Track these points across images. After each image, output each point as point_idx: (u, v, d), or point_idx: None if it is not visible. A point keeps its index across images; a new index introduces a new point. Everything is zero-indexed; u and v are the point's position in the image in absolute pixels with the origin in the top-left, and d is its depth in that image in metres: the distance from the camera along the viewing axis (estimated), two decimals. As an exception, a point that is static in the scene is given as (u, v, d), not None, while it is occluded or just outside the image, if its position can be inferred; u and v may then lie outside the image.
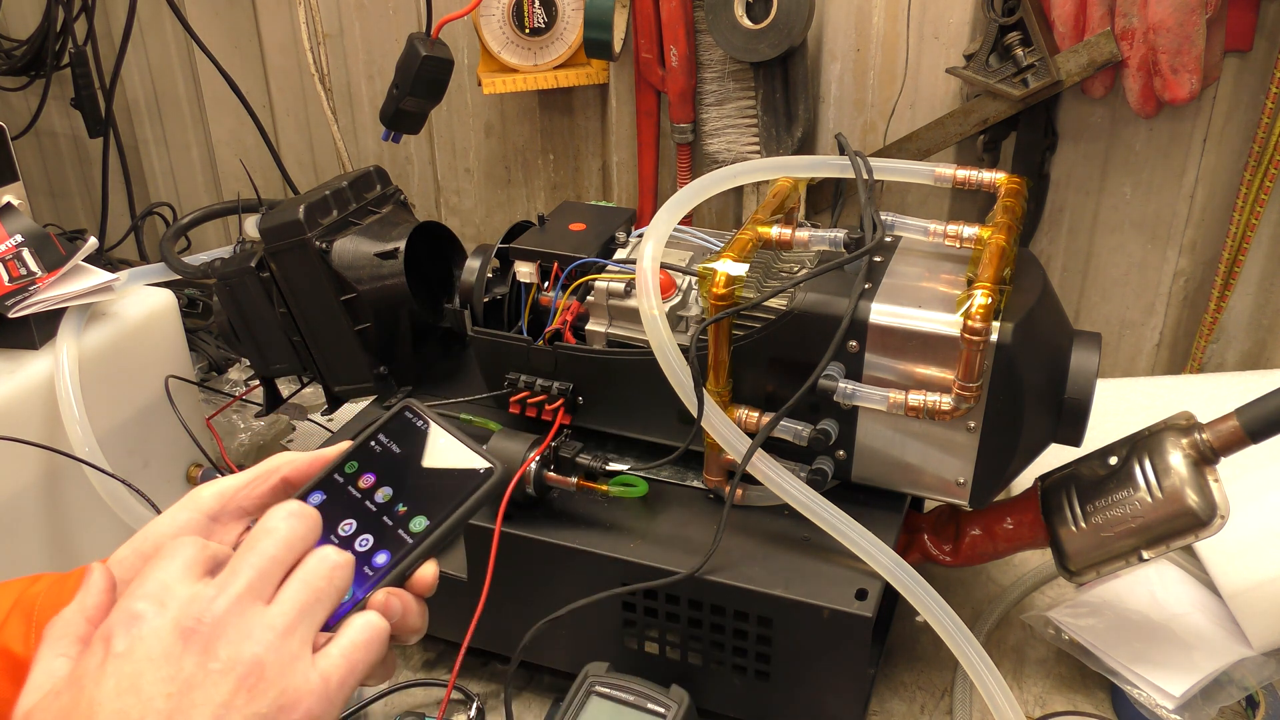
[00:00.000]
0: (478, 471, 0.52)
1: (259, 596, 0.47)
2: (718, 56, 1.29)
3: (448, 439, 0.54)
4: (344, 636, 0.48)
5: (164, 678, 0.44)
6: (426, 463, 0.53)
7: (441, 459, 0.53)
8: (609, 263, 0.95)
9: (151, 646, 0.44)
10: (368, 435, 0.55)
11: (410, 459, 0.53)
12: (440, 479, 0.53)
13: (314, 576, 0.48)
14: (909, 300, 0.82)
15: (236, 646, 0.45)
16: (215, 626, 0.45)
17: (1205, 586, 0.97)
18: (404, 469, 0.53)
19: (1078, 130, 1.22)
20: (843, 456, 0.87)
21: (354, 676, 0.48)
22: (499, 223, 1.60)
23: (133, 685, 0.43)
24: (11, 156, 1.23)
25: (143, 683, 0.43)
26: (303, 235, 1.02)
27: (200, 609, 0.46)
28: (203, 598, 0.46)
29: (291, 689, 0.46)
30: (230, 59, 1.61)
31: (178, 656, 0.44)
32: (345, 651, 0.48)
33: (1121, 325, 1.30)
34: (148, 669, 0.44)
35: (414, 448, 0.54)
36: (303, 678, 0.46)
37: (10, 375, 1.05)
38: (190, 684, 0.44)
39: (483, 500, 0.52)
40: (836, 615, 0.79)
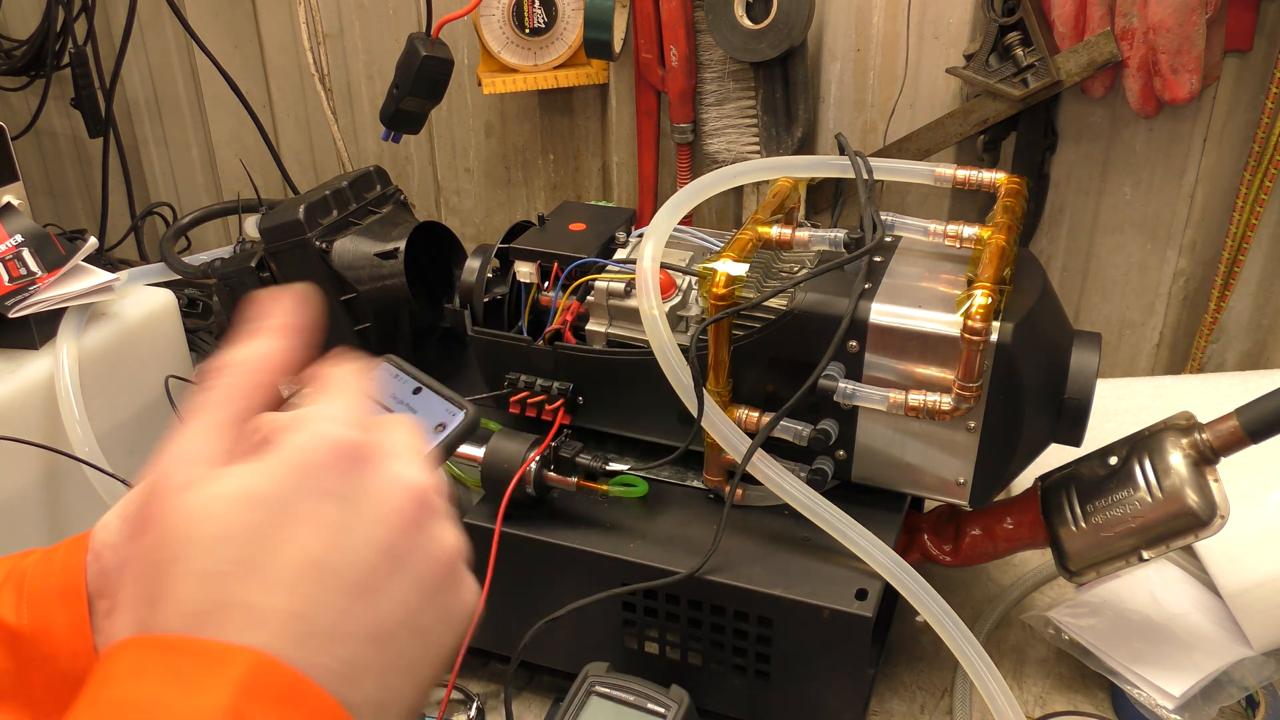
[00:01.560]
0: (450, 415, 0.53)
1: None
2: (718, 56, 1.29)
3: (424, 390, 0.55)
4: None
5: (382, 543, 0.38)
6: (400, 411, 0.54)
7: (418, 408, 0.54)
8: (609, 263, 0.95)
9: (381, 504, 0.39)
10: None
11: (392, 410, 0.54)
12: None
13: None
14: (909, 300, 0.82)
15: (447, 529, 0.41)
16: (436, 501, 0.41)
17: (1205, 586, 0.97)
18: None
19: (1078, 130, 1.22)
20: (843, 456, 0.87)
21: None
22: (499, 223, 1.60)
23: (337, 537, 0.38)
24: (11, 156, 1.23)
25: (353, 541, 0.38)
26: (303, 235, 1.02)
27: (421, 483, 0.41)
28: (420, 477, 0.41)
29: (467, 601, 0.42)
30: (230, 59, 1.61)
31: (400, 522, 0.39)
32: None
33: (1121, 325, 1.30)
34: (368, 528, 0.38)
35: (394, 400, 0.54)
36: (474, 590, 0.43)
37: (10, 375, 1.05)
38: (404, 560, 0.39)
39: (451, 443, 0.53)
40: (836, 615, 0.79)
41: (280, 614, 0.36)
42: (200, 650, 0.35)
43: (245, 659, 0.34)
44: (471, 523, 0.89)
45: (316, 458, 0.39)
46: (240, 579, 0.36)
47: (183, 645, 0.35)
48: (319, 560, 0.37)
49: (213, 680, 0.34)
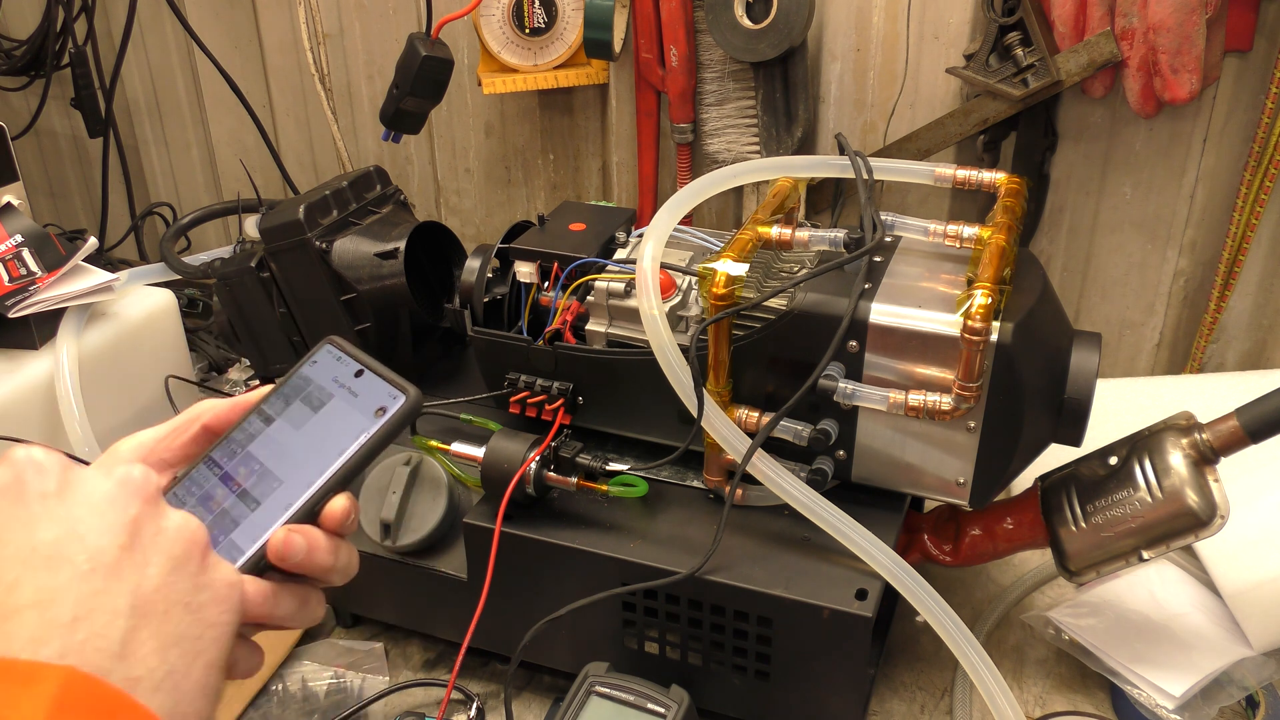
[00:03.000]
0: (392, 399, 0.52)
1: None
2: (718, 56, 1.29)
3: (367, 372, 0.53)
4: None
5: (110, 525, 0.41)
6: (341, 395, 0.53)
7: (359, 391, 0.53)
8: (609, 263, 0.95)
9: (89, 492, 0.42)
10: (289, 375, 0.54)
11: (328, 398, 0.53)
12: (353, 414, 0.52)
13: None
14: (909, 300, 0.82)
15: (178, 512, 0.44)
16: (158, 488, 0.44)
17: (1205, 586, 0.97)
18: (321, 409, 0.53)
19: (1078, 130, 1.22)
20: (843, 456, 0.87)
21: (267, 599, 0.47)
22: (499, 223, 1.60)
23: (72, 530, 0.40)
24: (11, 156, 1.23)
25: (84, 528, 0.41)
26: (303, 235, 1.02)
27: (136, 473, 0.44)
28: (133, 468, 0.44)
29: (223, 576, 0.44)
30: (230, 59, 1.61)
31: (124, 504, 0.42)
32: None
33: (1121, 325, 1.30)
34: (88, 514, 0.41)
35: (335, 384, 0.53)
36: (231, 570, 0.45)
37: (10, 375, 1.05)
38: (142, 536, 0.41)
39: (391, 429, 0.51)
40: (836, 615, 0.79)
41: (37, 605, 0.38)
42: (9, 670, 0.36)
43: (57, 675, 0.36)
44: (471, 523, 0.89)
45: (20, 475, 0.42)
46: None
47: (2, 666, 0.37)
48: (56, 553, 0.40)
49: (27, 699, 0.35)
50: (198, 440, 0.54)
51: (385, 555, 0.94)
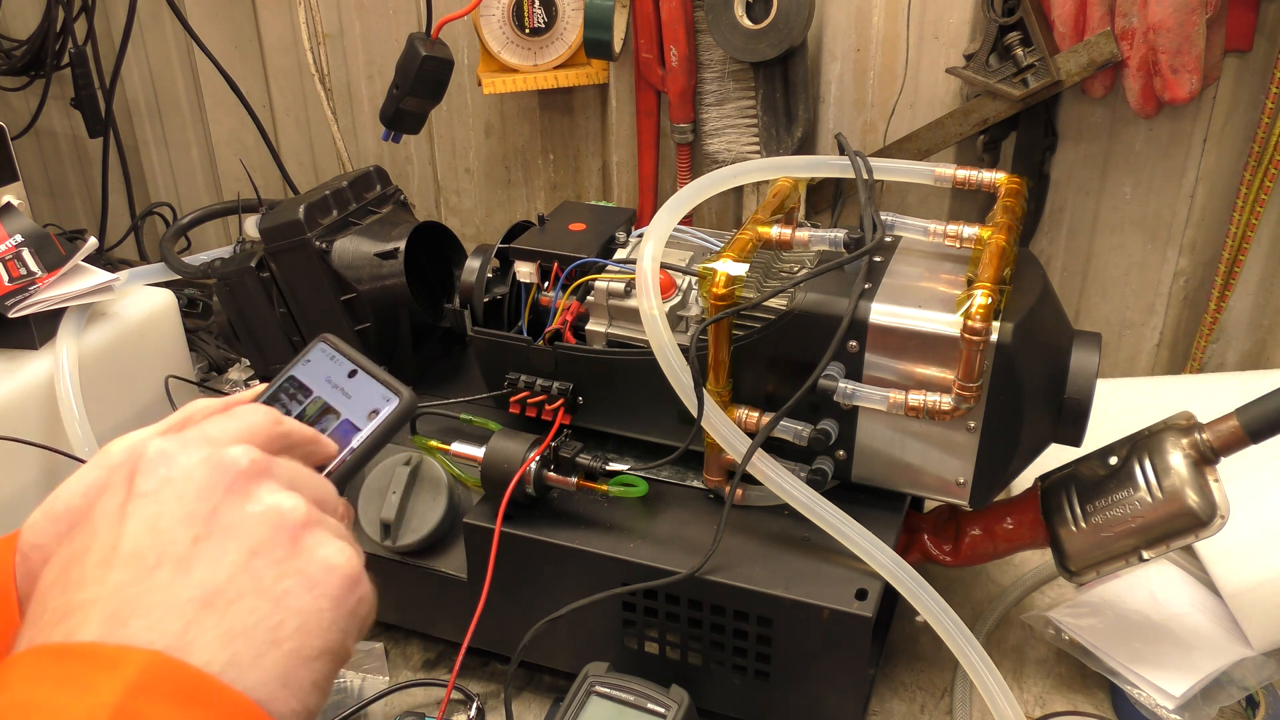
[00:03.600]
0: (385, 401, 0.51)
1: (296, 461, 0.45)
2: (718, 56, 1.29)
3: (360, 373, 0.52)
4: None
5: (188, 516, 0.41)
6: (336, 399, 0.52)
7: (353, 393, 0.52)
8: (609, 263, 0.95)
9: (180, 485, 0.41)
10: (283, 374, 0.54)
11: (323, 394, 0.52)
12: (349, 412, 0.51)
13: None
14: (909, 300, 0.82)
15: (275, 494, 0.42)
16: (254, 470, 0.42)
17: (1205, 586, 0.97)
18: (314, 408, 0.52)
19: (1078, 130, 1.22)
20: (843, 456, 0.87)
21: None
22: (499, 223, 1.60)
23: (152, 526, 0.40)
24: (11, 156, 1.23)
25: (163, 523, 0.40)
26: (303, 235, 1.02)
27: (234, 455, 0.42)
28: (236, 445, 0.43)
29: (321, 559, 0.42)
30: (230, 59, 1.61)
31: (208, 494, 0.41)
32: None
33: (1121, 325, 1.30)
34: (172, 507, 0.41)
35: (328, 383, 0.53)
36: (339, 551, 0.43)
37: (10, 375, 1.05)
38: (219, 525, 0.41)
39: (388, 429, 0.51)
40: (836, 615, 0.79)
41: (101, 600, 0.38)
42: (95, 654, 0.37)
43: (139, 659, 0.36)
44: (471, 523, 0.89)
45: (112, 475, 0.43)
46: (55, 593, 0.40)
47: (80, 651, 0.37)
48: (126, 548, 0.40)
49: (103, 682, 0.35)
50: None
51: (385, 555, 0.94)
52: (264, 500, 0.42)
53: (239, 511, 0.41)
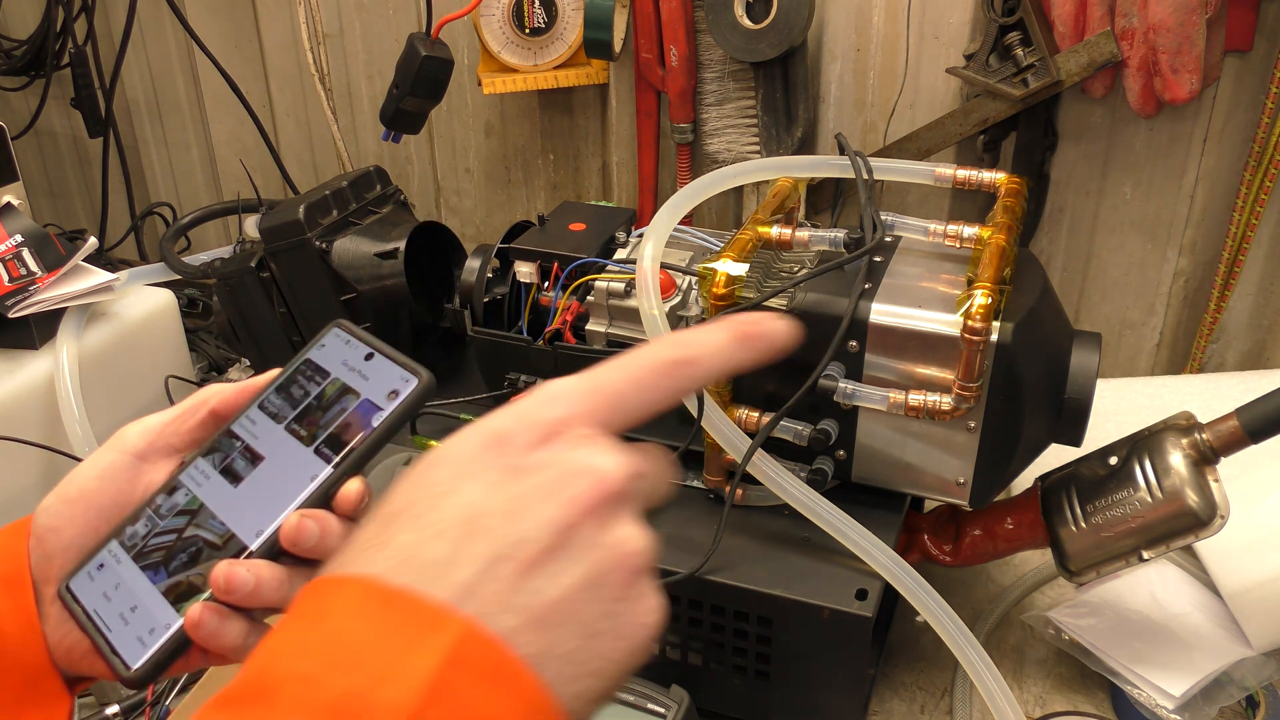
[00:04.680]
0: (404, 382, 0.50)
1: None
2: (718, 56, 1.29)
3: (377, 356, 0.52)
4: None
5: (551, 520, 0.38)
6: (354, 381, 0.51)
7: (371, 374, 0.51)
8: (609, 263, 0.95)
9: (557, 483, 0.38)
10: (297, 359, 0.53)
11: (341, 376, 0.52)
12: (369, 392, 0.51)
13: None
14: (909, 300, 0.82)
15: (629, 528, 0.39)
16: (622, 493, 0.39)
17: (1205, 586, 0.97)
18: (333, 389, 0.52)
19: (1078, 130, 1.22)
20: (843, 456, 0.87)
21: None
22: (499, 223, 1.60)
23: (516, 509, 0.38)
24: (11, 156, 1.23)
25: (527, 514, 0.38)
26: (303, 235, 1.02)
27: (612, 465, 0.39)
28: (610, 463, 0.40)
29: (641, 613, 0.39)
30: (230, 59, 1.61)
31: (575, 505, 0.38)
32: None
33: (1121, 325, 1.30)
34: (541, 503, 0.38)
35: (344, 366, 0.52)
36: (652, 610, 0.40)
37: (10, 375, 1.05)
38: (573, 542, 0.38)
39: (408, 409, 0.50)
40: (836, 615, 0.79)
41: (443, 565, 0.36)
42: (417, 609, 0.35)
43: (456, 628, 0.35)
44: (471, 523, 0.89)
45: (502, 428, 0.40)
46: (403, 526, 0.38)
47: (403, 599, 0.36)
48: (484, 523, 0.37)
49: (424, 643, 0.34)
50: (205, 425, 0.53)
51: (385, 555, 0.94)
52: (617, 532, 0.39)
53: (593, 536, 0.39)
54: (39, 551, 0.50)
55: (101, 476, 0.52)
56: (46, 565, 0.50)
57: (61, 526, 0.50)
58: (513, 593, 0.37)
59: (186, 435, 0.53)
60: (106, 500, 0.51)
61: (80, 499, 0.51)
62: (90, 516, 0.51)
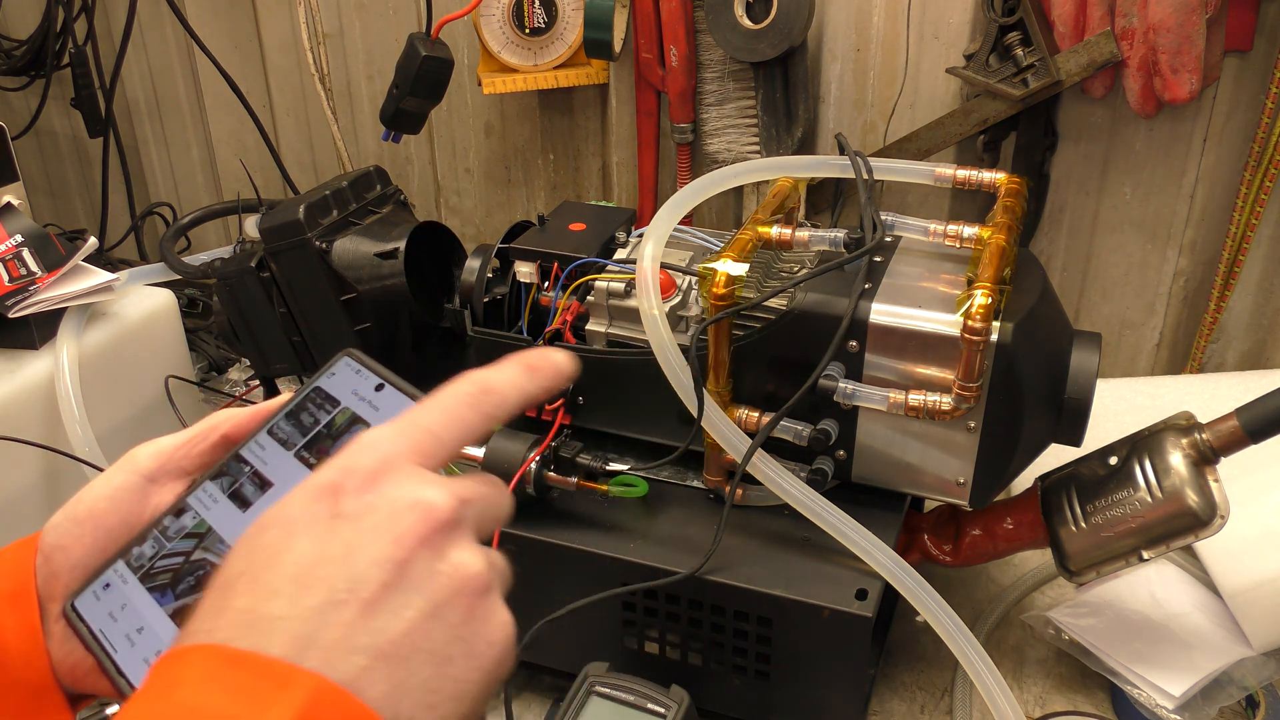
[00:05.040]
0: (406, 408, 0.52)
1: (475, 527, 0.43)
2: (718, 56, 1.29)
3: (387, 387, 0.52)
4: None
5: (382, 558, 0.39)
6: (364, 411, 0.52)
7: (380, 405, 0.52)
8: (609, 263, 0.95)
9: (382, 521, 0.40)
10: (307, 387, 0.54)
11: (351, 405, 0.52)
12: (379, 422, 0.51)
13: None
14: (909, 300, 0.82)
15: (463, 553, 0.41)
16: (451, 522, 0.41)
17: (1205, 586, 0.97)
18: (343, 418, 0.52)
19: (1078, 130, 1.22)
20: (843, 456, 0.87)
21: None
22: (499, 223, 1.60)
23: (347, 554, 0.39)
24: (11, 156, 1.23)
25: (358, 557, 0.39)
26: (303, 235, 1.02)
27: (434, 500, 0.41)
28: (435, 495, 0.41)
29: (490, 632, 0.42)
30: (230, 59, 1.61)
31: (405, 540, 0.39)
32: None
33: (1121, 325, 1.30)
34: (370, 544, 0.39)
35: (354, 395, 0.53)
36: (502, 626, 0.42)
37: (10, 375, 1.05)
38: (409, 576, 0.39)
39: None
40: (836, 615, 0.79)
41: (282, 620, 0.37)
42: (268, 670, 0.36)
43: (305, 683, 0.36)
44: (471, 523, 0.89)
45: (327, 480, 0.41)
46: (240, 590, 0.38)
47: (249, 661, 0.36)
48: (318, 574, 0.38)
49: (276, 702, 0.35)
50: (217, 449, 0.53)
51: (385, 555, 0.94)
52: (452, 559, 0.41)
53: (430, 566, 0.40)
54: (46, 569, 0.50)
55: (111, 497, 0.51)
56: (53, 583, 0.50)
57: (69, 545, 0.50)
58: (355, 635, 0.37)
59: (197, 459, 0.53)
60: (115, 521, 0.51)
61: (89, 519, 0.51)
62: (98, 536, 0.51)
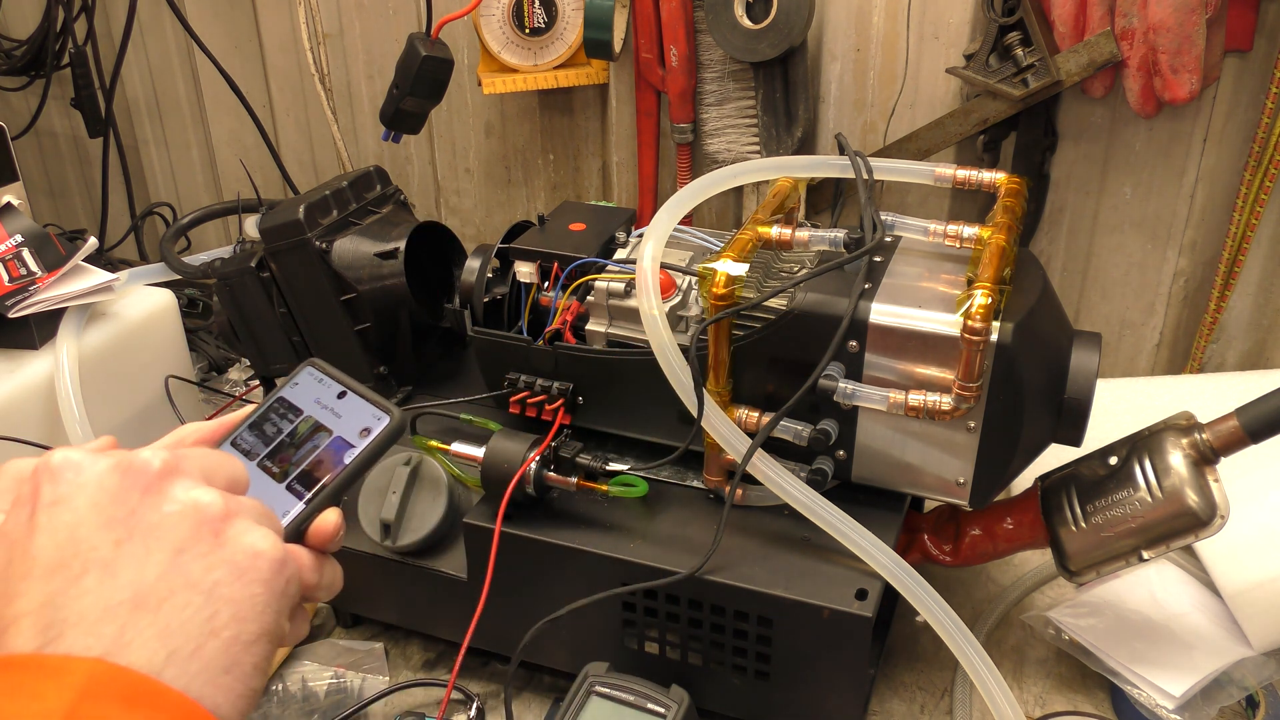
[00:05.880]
0: (376, 420, 0.53)
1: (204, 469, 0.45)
2: (718, 56, 1.29)
3: (349, 394, 0.54)
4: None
5: (107, 521, 0.41)
6: (327, 419, 0.54)
7: (343, 412, 0.54)
8: (609, 263, 0.95)
9: (93, 492, 0.41)
10: (272, 396, 0.55)
11: (314, 414, 0.54)
12: (341, 430, 0.53)
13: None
14: (909, 300, 0.82)
15: (192, 490, 0.43)
16: (166, 470, 0.43)
17: (1205, 586, 0.97)
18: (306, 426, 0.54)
19: (1078, 130, 1.22)
20: (843, 456, 0.87)
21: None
22: (499, 223, 1.60)
23: (70, 535, 0.40)
24: (11, 156, 1.23)
25: (82, 530, 0.40)
26: (303, 235, 1.02)
27: (145, 457, 0.43)
28: (144, 454, 0.43)
29: (245, 548, 0.42)
30: (230, 59, 1.61)
31: (123, 498, 0.41)
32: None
33: (1121, 325, 1.30)
34: (88, 515, 0.41)
35: (317, 404, 0.54)
36: (263, 537, 0.43)
37: (10, 375, 1.05)
38: (140, 527, 0.41)
39: (380, 446, 0.53)
40: (836, 615, 0.79)
41: (33, 612, 0.38)
42: (38, 665, 0.37)
43: (82, 668, 0.37)
44: (471, 523, 0.89)
45: (18, 494, 0.43)
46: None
47: (22, 662, 0.37)
48: (50, 560, 0.40)
49: (50, 690, 0.36)
50: None
51: (385, 555, 0.94)
52: (180, 498, 0.42)
53: (157, 512, 0.42)
54: None
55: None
56: None
57: None
58: (104, 597, 0.39)
59: None
60: None
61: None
62: None
